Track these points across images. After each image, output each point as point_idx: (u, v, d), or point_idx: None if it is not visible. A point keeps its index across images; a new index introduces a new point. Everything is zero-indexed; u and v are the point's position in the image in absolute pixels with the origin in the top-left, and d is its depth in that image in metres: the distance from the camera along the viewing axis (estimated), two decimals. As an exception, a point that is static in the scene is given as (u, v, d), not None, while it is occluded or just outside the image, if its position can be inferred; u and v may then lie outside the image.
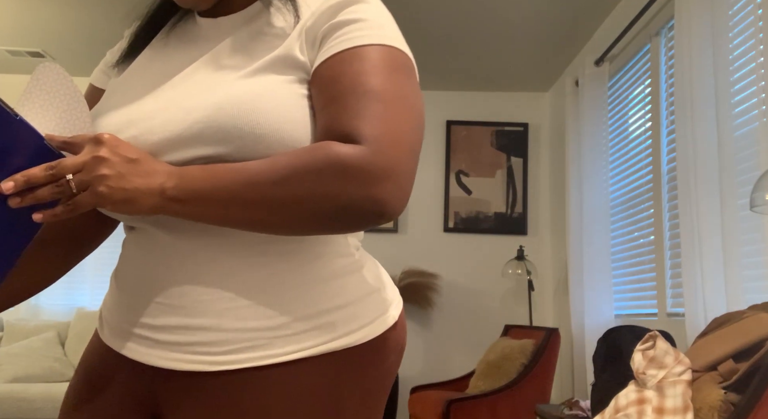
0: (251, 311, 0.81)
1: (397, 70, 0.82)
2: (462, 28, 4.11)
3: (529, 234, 5.07)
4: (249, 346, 0.81)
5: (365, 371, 0.86)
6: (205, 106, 0.80)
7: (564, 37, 4.22)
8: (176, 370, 0.83)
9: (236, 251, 0.83)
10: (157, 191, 0.76)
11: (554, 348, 3.84)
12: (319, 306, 0.83)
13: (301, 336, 0.82)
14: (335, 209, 0.74)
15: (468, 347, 4.97)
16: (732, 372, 1.75)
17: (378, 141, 0.76)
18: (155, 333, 0.83)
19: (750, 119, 2.42)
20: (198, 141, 0.80)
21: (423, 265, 5.04)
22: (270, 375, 0.81)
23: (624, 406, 1.87)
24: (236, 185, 0.75)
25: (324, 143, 0.76)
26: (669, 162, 3.16)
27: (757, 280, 2.35)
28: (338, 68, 0.81)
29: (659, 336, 1.92)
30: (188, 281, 0.83)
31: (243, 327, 0.81)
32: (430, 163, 5.17)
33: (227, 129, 0.78)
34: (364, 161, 0.74)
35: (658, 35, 3.28)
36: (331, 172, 0.73)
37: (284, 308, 0.82)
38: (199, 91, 0.83)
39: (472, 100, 5.23)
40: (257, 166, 0.76)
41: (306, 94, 0.83)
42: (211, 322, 0.81)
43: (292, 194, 0.74)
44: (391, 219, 0.77)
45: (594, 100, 3.81)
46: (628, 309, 3.60)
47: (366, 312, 0.87)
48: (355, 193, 0.73)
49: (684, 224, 2.60)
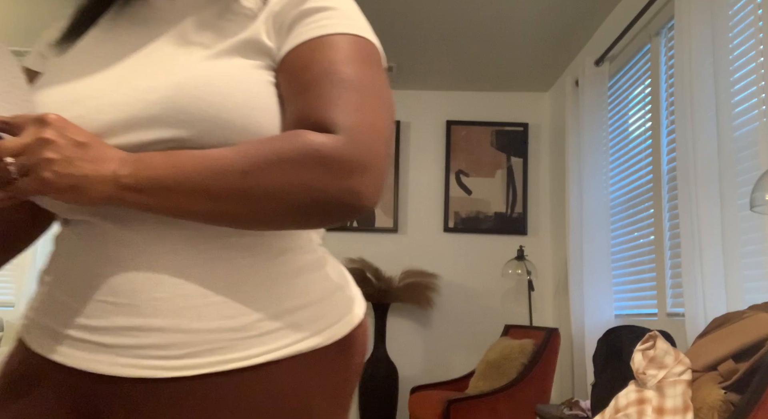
0: (213, 311, 0.74)
1: (369, 61, 0.79)
2: (462, 28, 4.11)
3: (529, 234, 5.07)
4: (210, 349, 0.74)
5: (334, 372, 0.81)
6: (165, 86, 0.74)
7: (564, 37, 4.22)
8: (124, 377, 0.73)
9: (196, 245, 0.76)
10: (110, 179, 0.70)
11: (554, 348, 3.84)
12: (285, 305, 0.78)
13: (266, 337, 0.76)
14: (311, 201, 0.70)
15: (468, 347, 4.97)
16: (732, 372, 1.75)
17: (354, 131, 0.72)
18: (97, 335, 0.74)
19: (750, 119, 2.42)
20: (155, 123, 0.73)
21: (423, 265, 5.04)
22: (234, 380, 0.74)
23: (624, 406, 1.87)
24: (201, 174, 0.70)
25: (298, 132, 0.72)
26: (669, 162, 3.16)
27: (757, 280, 2.35)
28: (309, 56, 0.77)
29: (659, 336, 1.91)
30: (141, 278, 0.74)
31: (203, 327, 0.74)
32: (430, 163, 5.17)
33: (190, 111, 0.73)
34: (342, 151, 0.70)
35: (658, 35, 3.28)
36: (308, 162, 0.69)
37: (249, 307, 0.76)
38: (157, 72, 0.77)
39: (472, 100, 5.23)
40: (224, 153, 0.71)
41: (273, 81, 0.79)
42: (168, 322, 0.73)
43: (265, 185, 0.69)
44: (366, 212, 0.73)
45: (594, 101, 3.81)
46: (628, 309, 3.60)
47: (332, 311, 0.82)
48: (332, 184, 0.70)
49: (684, 224, 2.60)
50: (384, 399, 4.51)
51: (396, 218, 5.07)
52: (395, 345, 4.98)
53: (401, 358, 4.96)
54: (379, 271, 4.79)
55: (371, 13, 3.95)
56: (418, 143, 5.19)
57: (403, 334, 4.99)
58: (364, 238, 5.07)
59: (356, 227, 5.06)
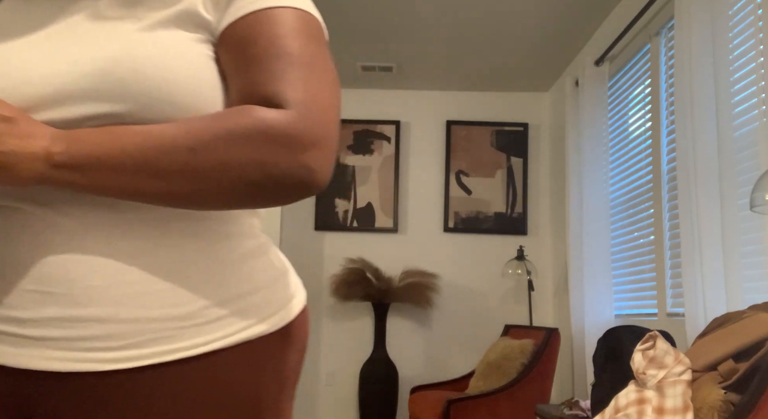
0: (155, 299, 0.70)
1: (313, 36, 0.77)
2: (462, 28, 4.11)
3: (529, 234, 5.07)
4: (153, 339, 0.69)
5: (281, 359, 0.78)
6: (100, 57, 0.69)
7: (564, 37, 4.22)
8: (58, 372, 0.68)
9: (135, 229, 0.71)
10: (41, 156, 0.64)
11: (554, 348, 3.84)
12: (231, 291, 0.74)
13: (213, 325, 0.72)
14: (264, 177, 0.67)
15: (468, 347, 4.97)
16: (732, 372, 1.75)
17: (304, 106, 0.70)
18: (23, 327, 0.68)
19: (750, 119, 2.42)
20: (88, 97, 0.68)
21: (423, 265, 5.04)
22: (180, 370, 0.70)
23: (624, 406, 1.87)
24: (144, 151, 0.65)
25: (247, 107, 0.69)
26: (669, 162, 3.16)
27: (757, 280, 2.35)
28: (253, 29, 0.74)
29: (659, 336, 1.91)
30: (76, 265, 0.69)
31: (145, 316, 0.69)
32: (430, 163, 5.17)
33: (128, 84, 0.68)
34: (294, 126, 0.68)
35: (658, 35, 3.28)
36: (260, 138, 0.67)
37: (194, 294, 0.72)
38: (89, 42, 0.72)
39: (472, 100, 5.23)
40: (168, 129, 0.67)
41: (212, 56, 0.76)
42: (106, 312, 0.68)
43: (214, 162, 0.66)
44: (318, 190, 0.71)
45: (594, 100, 3.81)
46: (628, 309, 3.60)
47: (277, 297, 0.79)
48: (286, 160, 0.67)
49: (684, 224, 2.60)
50: (384, 399, 4.51)
51: (396, 218, 5.07)
52: (395, 345, 4.98)
53: (401, 358, 4.96)
54: (379, 271, 4.79)
55: (372, 13, 3.95)
56: (418, 143, 5.19)
57: (403, 334, 4.99)
58: (364, 238, 5.07)
59: (356, 227, 5.06)
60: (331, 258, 5.07)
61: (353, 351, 4.99)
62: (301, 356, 0.83)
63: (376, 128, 5.17)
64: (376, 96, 5.24)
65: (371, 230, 5.06)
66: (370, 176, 5.12)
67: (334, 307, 5.03)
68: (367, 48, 4.46)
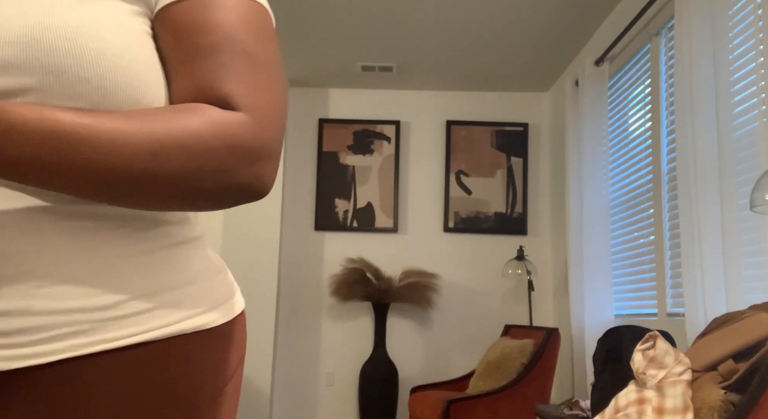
0: (74, 289, 0.63)
1: (267, 32, 0.73)
2: (462, 28, 4.11)
3: (529, 234, 5.07)
4: (72, 332, 0.62)
5: (224, 357, 0.73)
6: (24, 25, 0.62)
7: (564, 37, 4.22)
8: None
9: (54, 212, 0.64)
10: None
11: (554, 348, 3.84)
12: (161, 281, 0.68)
13: (141, 317, 0.66)
14: (218, 185, 0.64)
15: (468, 347, 4.97)
16: (732, 372, 1.75)
17: (260, 113, 0.67)
18: None
19: (750, 118, 2.42)
20: (13, 66, 0.61)
21: (423, 265, 5.04)
22: (102, 364, 0.63)
23: (624, 406, 1.87)
24: (101, 152, 0.58)
25: (204, 108, 0.65)
26: (669, 162, 3.16)
27: (757, 280, 2.35)
28: (203, 16, 0.69)
29: (659, 336, 1.91)
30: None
31: (63, 308, 0.62)
32: (430, 163, 5.18)
33: (59, 54, 0.61)
34: (251, 134, 0.65)
35: (658, 35, 3.28)
36: (219, 145, 0.63)
37: (118, 284, 0.65)
38: (12, 7, 0.63)
39: (472, 100, 5.23)
40: (126, 128, 0.59)
41: (150, 32, 0.70)
42: (17, 304, 0.61)
43: (175, 169, 0.61)
44: (261, 197, 0.69)
45: (594, 100, 3.81)
46: (628, 309, 3.60)
47: (215, 294, 0.74)
48: (241, 169, 0.64)
49: (684, 224, 2.60)
50: (384, 399, 4.51)
51: (396, 218, 5.07)
52: (395, 345, 4.98)
53: (401, 358, 4.96)
54: (379, 271, 4.79)
55: (372, 13, 3.95)
56: (418, 143, 5.19)
57: (403, 334, 4.99)
58: (364, 238, 5.07)
59: (356, 227, 5.06)
60: (331, 258, 5.07)
61: (353, 351, 4.99)
62: (238, 361, 0.77)
63: (376, 128, 5.17)
64: (376, 96, 5.24)
65: (371, 230, 5.06)
66: (370, 176, 5.12)
67: (334, 307, 5.03)
68: (367, 48, 4.46)
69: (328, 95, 5.25)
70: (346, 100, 5.24)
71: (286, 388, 4.97)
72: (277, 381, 4.98)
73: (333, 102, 5.24)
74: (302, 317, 5.03)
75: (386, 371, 4.55)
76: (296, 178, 5.16)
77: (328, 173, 5.13)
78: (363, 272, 4.74)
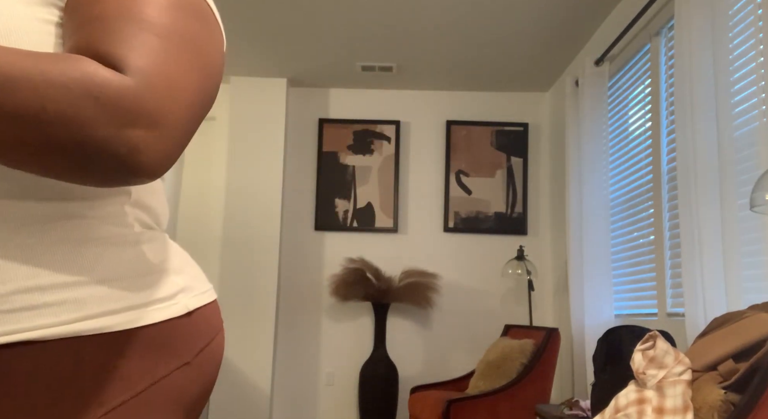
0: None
1: (183, 8, 0.66)
2: (462, 28, 4.11)
3: (529, 234, 5.07)
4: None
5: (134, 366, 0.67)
6: None
7: (564, 37, 4.22)
8: None
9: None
10: None
11: (554, 348, 3.84)
12: (61, 276, 0.63)
13: (30, 313, 0.61)
14: (72, 140, 0.54)
15: (468, 347, 4.97)
16: (732, 372, 1.75)
17: (147, 76, 0.59)
18: None
19: (750, 119, 2.42)
20: None
21: (423, 265, 5.04)
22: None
23: (624, 406, 1.87)
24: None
25: (78, 57, 0.57)
26: (669, 162, 3.17)
27: (757, 280, 2.35)
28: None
29: (659, 336, 1.91)
30: None
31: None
32: (430, 163, 5.18)
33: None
34: (128, 93, 0.57)
35: (658, 35, 3.28)
36: (82, 92, 0.55)
37: (5, 275, 0.61)
38: None
39: (472, 100, 5.23)
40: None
41: (52, 20, 0.65)
42: None
43: (16, 104, 0.53)
44: (144, 178, 0.59)
45: (594, 100, 3.81)
46: (628, 309, 3.60)
47: (137, 294, 0.68)
48: (105, 127, 0.55)
49: (684, 224, 2.60)
50: (384, 399, 4.51)
51: (396, 218, 5.07)
52: (395, 345, 4.98)
53: (401, 358, 4.96)
54: (379, 271, 4.79)
55: (372, 13, 3.95)
56: (418, 143, 5.19)
57: (403, 334, 4.99)
58: (364, 238, 5.07)
59: (356, 227, 5.06)
60: (331, 258, 5.07)
61: (353, 351, 4.99)
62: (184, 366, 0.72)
63: (376, 128, 5.17)
64: (376, 96, 5.24)
65: (371, 230, 5.06)
66: (370, 176, 5.12)
67: (334, 307, 5.03)
68: (367, 48, 4.46)
69: (328, 95, 5.25)
70: (346, 100, 5.24)
71: (286, 388, 4.97)
72: (277, 380, 4.98)
73: (333, 102, 5.24)
74: (302, 317, 5.03)
75: (386, 371, 4.55)
76: (296, 178, 5.16)
77: (328, 173, 5.13)
78: (363, 272, 4.74)
